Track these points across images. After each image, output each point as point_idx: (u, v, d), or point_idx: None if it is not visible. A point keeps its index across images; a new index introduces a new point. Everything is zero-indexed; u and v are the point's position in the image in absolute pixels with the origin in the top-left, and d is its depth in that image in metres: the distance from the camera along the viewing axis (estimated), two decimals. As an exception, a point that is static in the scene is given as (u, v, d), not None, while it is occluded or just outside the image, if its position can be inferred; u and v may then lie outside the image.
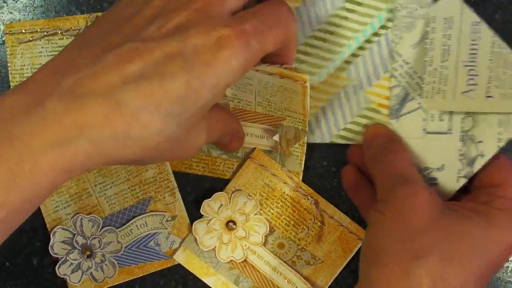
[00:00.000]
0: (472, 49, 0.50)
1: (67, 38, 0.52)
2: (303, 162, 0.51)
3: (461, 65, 0.50)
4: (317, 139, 0.51)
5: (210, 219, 0.51)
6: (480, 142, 0.50)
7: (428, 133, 0.51)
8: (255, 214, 0.51)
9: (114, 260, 0.52)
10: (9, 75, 0.53)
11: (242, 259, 0.51)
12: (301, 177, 0.52)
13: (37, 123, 0.35)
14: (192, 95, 0.36)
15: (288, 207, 0.52)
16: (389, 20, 0.51)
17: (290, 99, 0.49)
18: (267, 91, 0.50)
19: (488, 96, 0.49)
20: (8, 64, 0.53)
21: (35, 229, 0.53)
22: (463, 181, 0.50)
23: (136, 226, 0.53)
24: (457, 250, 0.42)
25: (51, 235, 0.52)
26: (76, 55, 0.38)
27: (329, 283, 0.51)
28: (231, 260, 0.51)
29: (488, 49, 0.49)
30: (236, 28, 0.37)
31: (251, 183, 0.52)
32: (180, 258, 0.52)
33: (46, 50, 0.53)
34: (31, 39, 0.53)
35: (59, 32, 0.53)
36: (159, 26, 0.37)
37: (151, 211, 0.53)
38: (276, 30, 0.39)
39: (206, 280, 0.51)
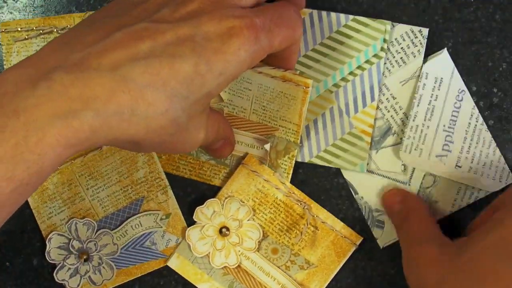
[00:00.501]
0: (453, 116, 0.50)
1: (63, 36, 0.52)
2: (290, 176, 0.51)
3: (441, 129, 0.50)
4: (297, 157, 0.51)
5: (203, 226, 0.51)
6: (436, 201, 0.51)
7: (389, 178, 0.51)
8: (248, 220, 0.51)
9: (111, 262, 0.53)
10: (5, 74, 0.52)
11: (236, 265, 0.51)
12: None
13: (42, 95, 0.34)
14: (198, 79, 0.37)
15: (281, 212, 0.51)
16: (382, 50, 0.50)
17: (287, 106, 0.49)
18: (265, 97, 0.49)
19: (457, 166, 0.50)
20: (4, 62, 0.52)
21: (35, 229, 0.53)
22: None
23: (131, 226, 0.53)
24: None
25: (46, 242, 0.52)
26: (85, 32, 0.38)
27: None
28: (225, 266, 0.51)
29: (466, 120, 0.50)
30: (247, 21, 0.38)
31: (243, 189, 0.51)
32: (174, 264, 0.52)
33: (42, 49, 0.52)
34: (26, 37, 0.52)
35: (55, 30, 0.52)
36: (172, 11, 0.38)
37: (145, 211, 0.53)
38: (285, 29, 0.41)
39: (201, 286, 0.52)
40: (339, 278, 0.52)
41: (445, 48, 0.51)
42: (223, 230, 0.51)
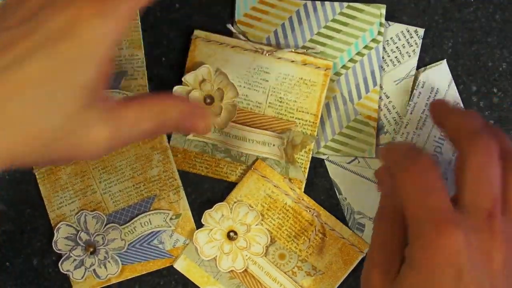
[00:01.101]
0: None
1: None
2: (307, 171, 0.51)
3: (432, 139, 0.50)
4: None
5: (211, 229, 0.51)
6: None
7: (375, 182, 0.51)
8: (256, 225, 0.51)
9: (117, 257, 0.53)
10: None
11: (243, 269, 0.51)
12: (303, 186, 0.51)
13: None
14: (53, 76, 0.35)
15: (290, 218, 0.51)
16: (379, 33, 0.50)
17: (306, 95, 0.50)
18: (282, 87, 0.50)
19: (444, 178, 0.50)
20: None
21: (35, 229, 0.53)
22: None
23: (140, 223, 0.53)
24: None
25: (54, 231, 0.52)
26: None
27: (329, 295, 0.52)
28: (231, 270, 0.51)
29: None
30: (86, 1, 0.36)
31: (253, 194, 0.51)
32: (181, 267, 0.52)
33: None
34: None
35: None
36: (14, 15, 0.37)
37: (155, 209, 0.53)
38: None
39: (206, 289, 0.52)
40: (344, 286, 0.52)
41: (445, 60, 0.51)
42: (231, 234, 0.51)
